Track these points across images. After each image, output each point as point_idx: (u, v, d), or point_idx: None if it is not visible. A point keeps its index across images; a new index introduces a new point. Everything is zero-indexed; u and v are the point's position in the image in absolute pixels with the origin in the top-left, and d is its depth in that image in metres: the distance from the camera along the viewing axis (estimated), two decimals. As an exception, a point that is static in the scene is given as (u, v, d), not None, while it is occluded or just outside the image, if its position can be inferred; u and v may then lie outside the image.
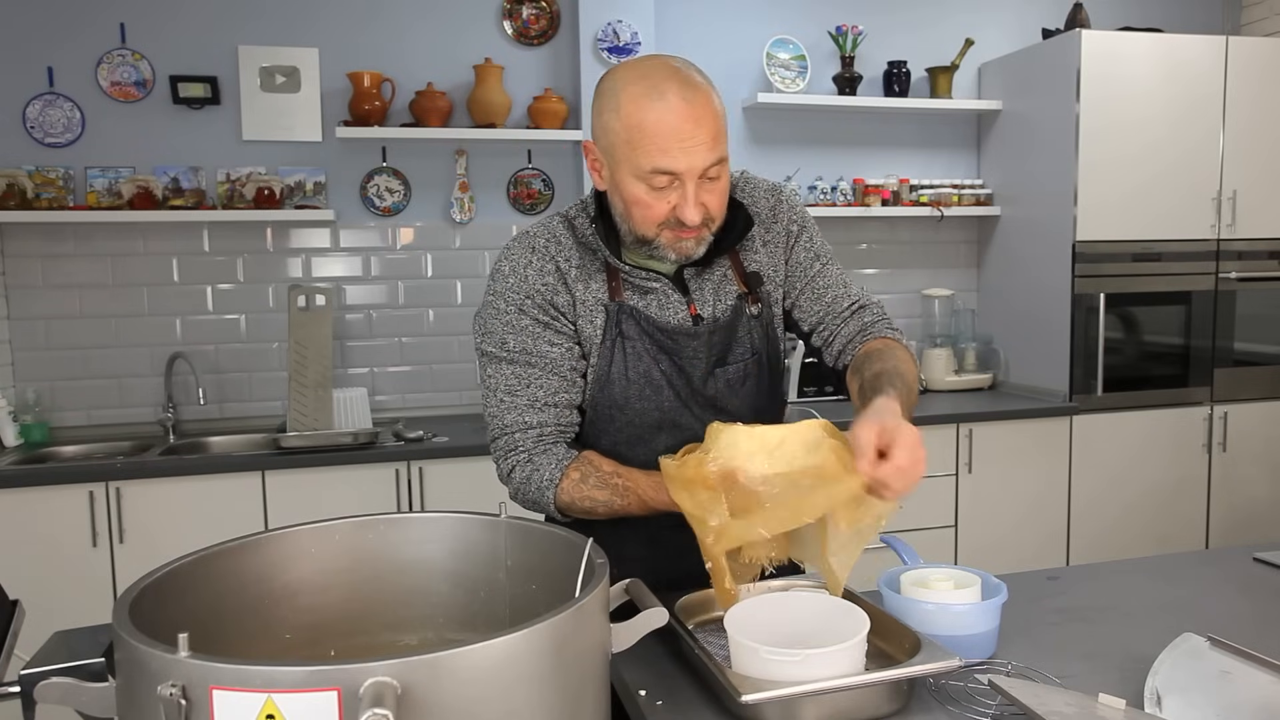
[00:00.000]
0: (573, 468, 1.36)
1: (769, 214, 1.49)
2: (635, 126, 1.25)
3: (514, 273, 1.39)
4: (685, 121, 1.24)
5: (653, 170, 1.26)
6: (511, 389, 1.39)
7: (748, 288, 1.45)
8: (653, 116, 1.24)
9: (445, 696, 0.74)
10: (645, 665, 1.22)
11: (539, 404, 1.38)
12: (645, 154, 1.25)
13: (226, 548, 1.04)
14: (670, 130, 1.24)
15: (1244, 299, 3.75)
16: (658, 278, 1.39)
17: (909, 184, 3.89)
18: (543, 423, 1.39)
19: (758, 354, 1.46)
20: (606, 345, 1.39)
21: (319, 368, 3.14)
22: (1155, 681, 1.12)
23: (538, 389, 1.38)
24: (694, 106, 1.25)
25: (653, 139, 1.24)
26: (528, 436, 1.38)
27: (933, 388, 3.89)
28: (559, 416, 1.40)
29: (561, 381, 1.39)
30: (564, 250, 1.40)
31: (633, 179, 1.28)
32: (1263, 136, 3.69)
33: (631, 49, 3.46)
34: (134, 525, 2.80)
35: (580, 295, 1.39)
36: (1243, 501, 3.79)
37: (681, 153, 1.25)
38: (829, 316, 1.50)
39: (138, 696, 0.77)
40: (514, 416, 1.38)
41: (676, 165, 1.25)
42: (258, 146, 3.39)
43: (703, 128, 1.25)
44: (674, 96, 1.24)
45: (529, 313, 1.38)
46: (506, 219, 3.62)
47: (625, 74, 1.29)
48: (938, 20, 3.99)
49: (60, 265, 3.27)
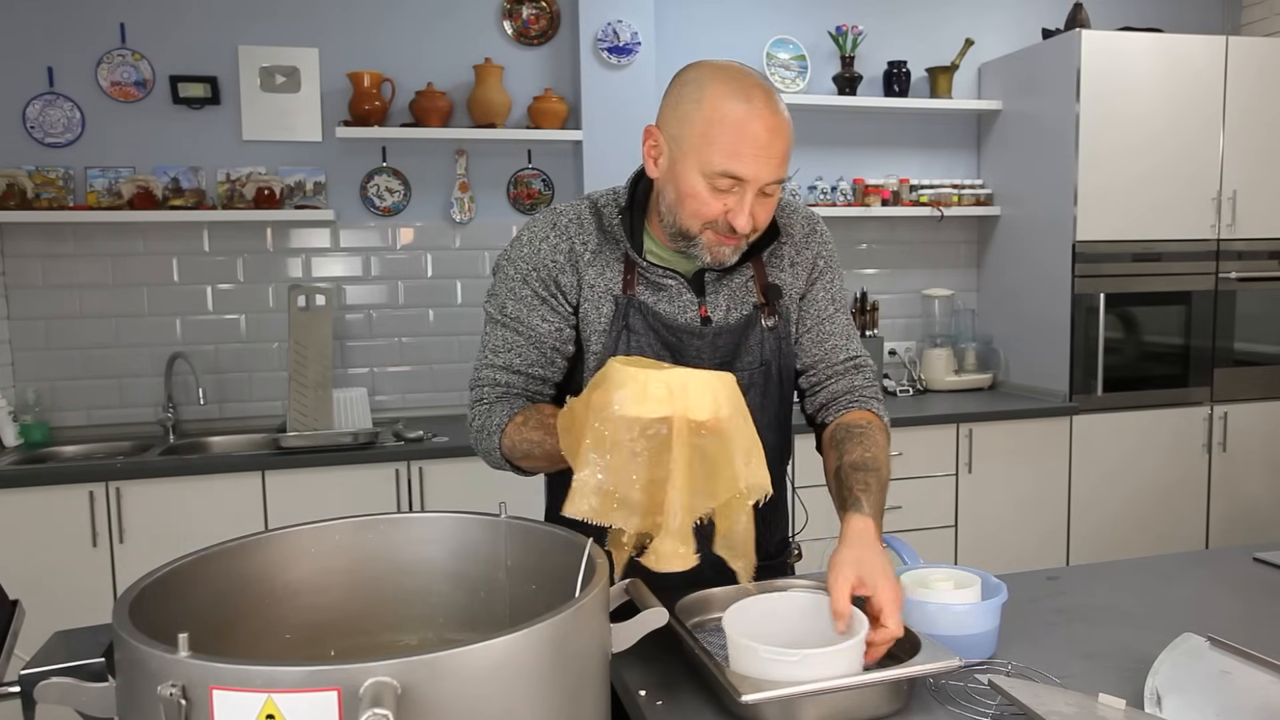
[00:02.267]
0: (520, 414, 1.39)
1: (802, 239, 1.51)
2: (717, 121, 1.26)
3: (529, 243, 1.43)
4: (765, 130, 1.26)
5: (721, 171, 1.27)
6: (495, 349, 1.44)
7: (766, 299, 1.46)
8: (738, 116, 1.26)
9: (445, 696, 0.74)
10: (645, 665, 1.22)
11: (513, 368, 1.43)
12: (719, 152, 1.26)
13: (226, 548, 1.04)
14: (751, 134, 1.25)
15: (1244, 299, 3.75)
16: (674, 275, 1.40)
17: (909, 184, 3.89)
18: (510, 383, 1.44)
19: (767, 365, 1.46)
20: (611, 336, 1.40)
21: (319, 368, 3.14)
22: (1155, 681, 1.12)
23: (515, 355, 1.43)
24: (777, 119, 1.27)
25: (732, 139, 1.25)
26: (495, 390, 1.44)
27: (933, 388, 3.89)
28: (527, 384, 1.44)
29: (540, 355, 1.43)
30: (584, 233, 1.42)
31: (696, 173, 1.29)
32: (1263, 136, 3.69)
33: (631, 49, 3.46)
34: (134, 525, 2.80)
35: (590, 280, 1.41)
36: (1242, 501, 3.79)
37: (754, 159, 1.26)
38: (823, 364, 1.50)
39: (138, 696, 0.77)
40: (489, 372, 1.44)
41: (745, 171, 1.26)
42: (258, 146, 3.39)
43: (778, 141, 1.27)
44: (761, 104, 1.26)
45: (531, 284, 1.41)
46: (506, 219, 3.62)
47: (714, 70, 1.30)
48: (938, 20, 3.99)
49: (60, 265, 3.27)
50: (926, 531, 3.45)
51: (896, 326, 4.05)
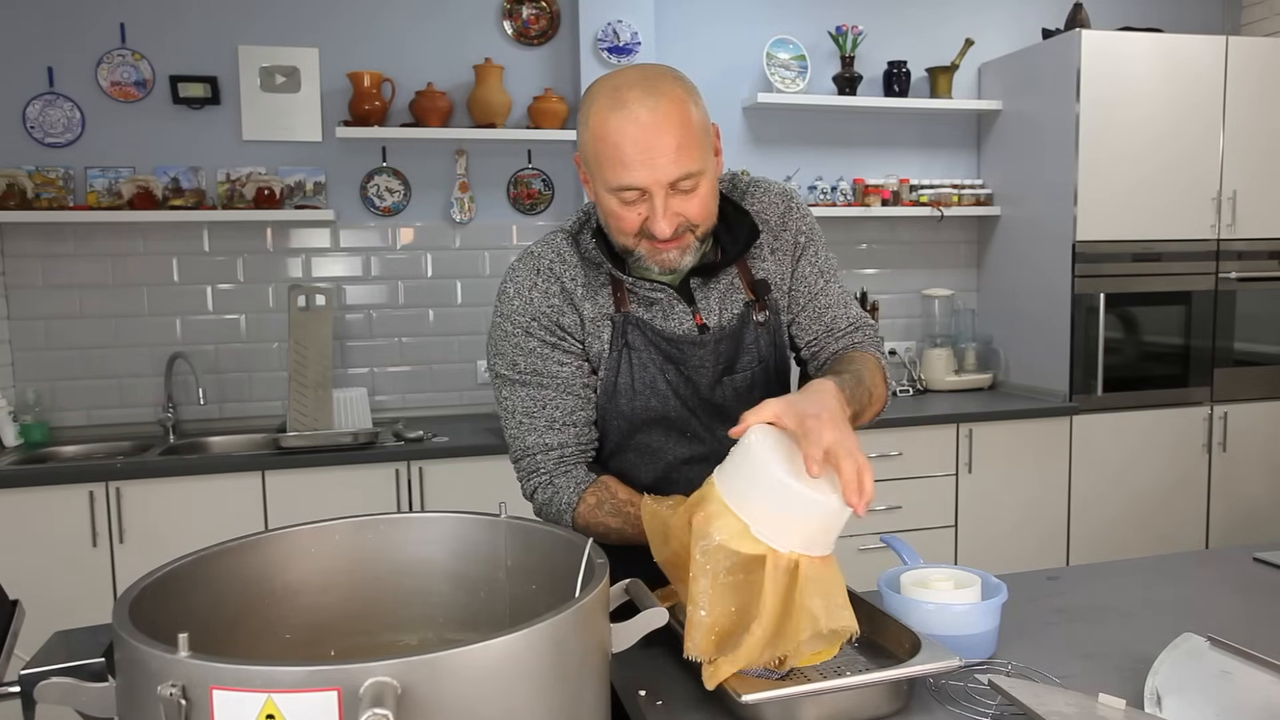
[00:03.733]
0: (589, 492, 1.36)
1: (778, 221, 1.46)
2: (599, 138, 1.23)
3: (519, 295, 1.38)
4: (645, 131, 1.20)
5: (618, 186, 1.24)
6: (528, 411, 1.39)
7: (755, 295, 1.44)
8: (613, 127, 1.22)
9: (445, 696, 0.74)
10: (645, 665, 1.22)
11: (557, 424, 1.38)
12: (610, 168, 1.23)
13: (226, 548, 1.04)
14: (630, 141, 1.21)
15: (1244, 299, 3.75)
16: (662, 288, 1.37)
17: (909, 184, 3.89)
18: (563, 443, 1.39)
19: (764, 362, 1.45)
20: (613, 356, 1.39)
21: (319, 368, 3.14)
22: (1155, 681, 1.12)
23: (554, 409, 1.38)
24: (656, 114, 1.21)
25: (614, 151, 1.22)
26: (549, 458, 1.39)
27: (933, 388, 3.89)
28: (578, 436, 1.40)
29: (576, 400, 1.39)
30: (569, 269, 1.39)
31: (605, 192, 1.27)
32: (1263, 136, 3.69)
33: (631, 49, 3.46)
34: (134, 525, 2.80)
35: (587, 313, 1.38)
36: (1243, 501, 3.79)
37: (642, 166, 1.21)
38: (825, 335, 1.49)
39: (138, 696, 0.77)
40: (534, 438, 1.39)
41: (637, 179, 1.22)
42: (258, 146, 3.39)
43: (665, 137, 1.21)
44: (636, 105, 1.21)
45: (536, 334, 1.37)
46: (506, 219, 3.63)
47: (599, 85, 1.28)
48: (938, 20, 3.99)
49: (60, 265, 3.27)
50: (926, 531, 3.44)
51: (896, 326, 4.05)
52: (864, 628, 1.25)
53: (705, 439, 1.43)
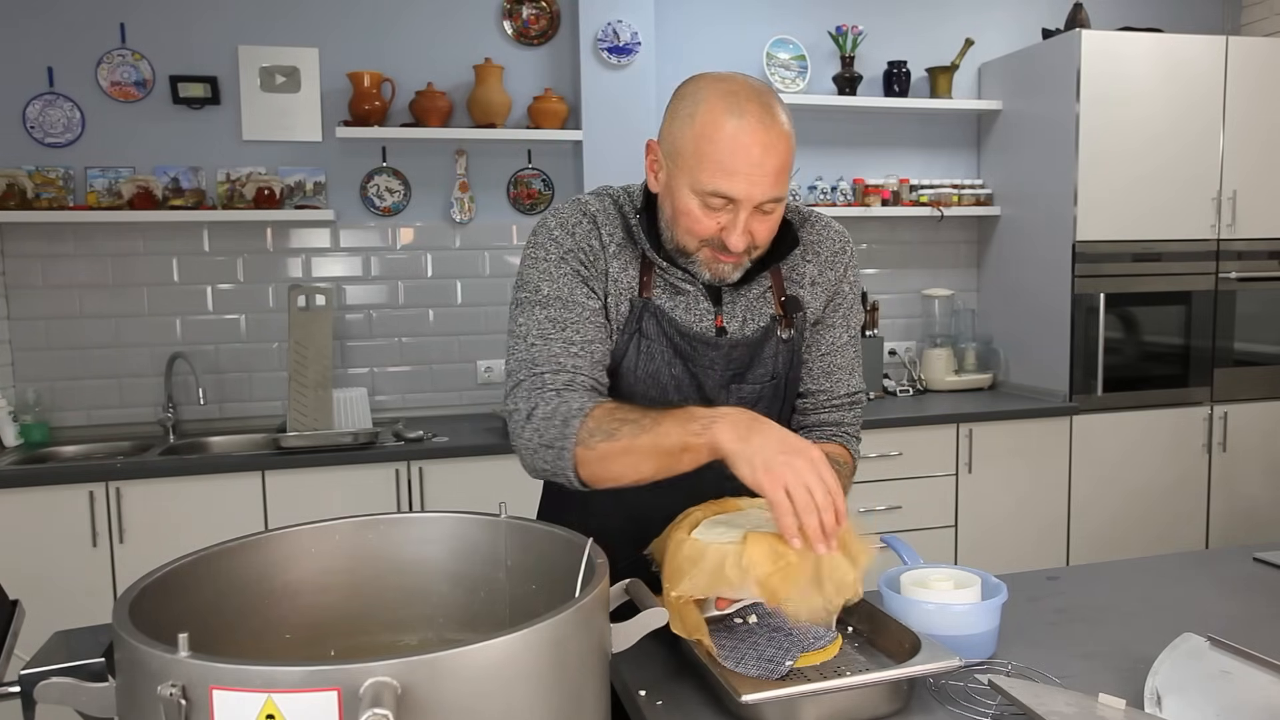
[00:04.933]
0: (605, 404, 1.27)
1: (830, 257, 1.47)
2: (707, 139, 1.23)
3: (561, 227, 1.37)
4: (756, 145, 1.21)
5: (712, 191, 1.24)
6: (545, 333, 1.30)
7: (784, 310, 1.43)
8: (728, 132, 1.21)
9: (445, 696, 0.74)
10: (645, 665, 1.22)
11: (574, 346, 1.30)
12: (709, 170, 1.23)
13: (226, 548, 1.04)
14: (742, 151, 1.21)
15: (1244, 299, 3.75)
16: (693, 281, 1.37)
17: (909, 184, 3.89)
18: (576, 368, 1.29)
19: (777, 378, 1.44)
20: (624, 338, 1.38)
21: (319, 368, 3.14)
22: (1155, 681, 1.12)
23: (573, 331, 1.30)
24: (769, 132, 1.22)
25: (721, 156, 1.22)
26: (559, 378, 1.28)
27: (933, 388, 3.89)
28: (593, 368, 1.31)
29: (597, 331, 1.33)
30: (611, 225, 1.38)
31: (689, 191, 1.26)
32: (1263, 136, 3.69)
33: (631, 49, 3.46)
34: (134, 525, 2.80)
35: (614, 274, 1.37)
36: (1243, 501, 3.79)
37: (745, 179, 1.22)
38: (823, 395, 1.50)
39: (138, 696, 0.77)
40: (546, 356, 1.29)
41: (736, 190, 1.23)
42: (258, 146, 3.39)
43: (772, 157, 1.22)
44: (754, 120, 1.22)
45: (569, 263, 1.34)
46: (506, 219, 3.62)
47: (711, 84, 1.26)
48: (938, 20, 3.99)
49: (60, 265, 3.27)
50: (926, 531, 3.44)
51: (896, 326, 4.05)
52: (864, 628, 1.25)
53: None
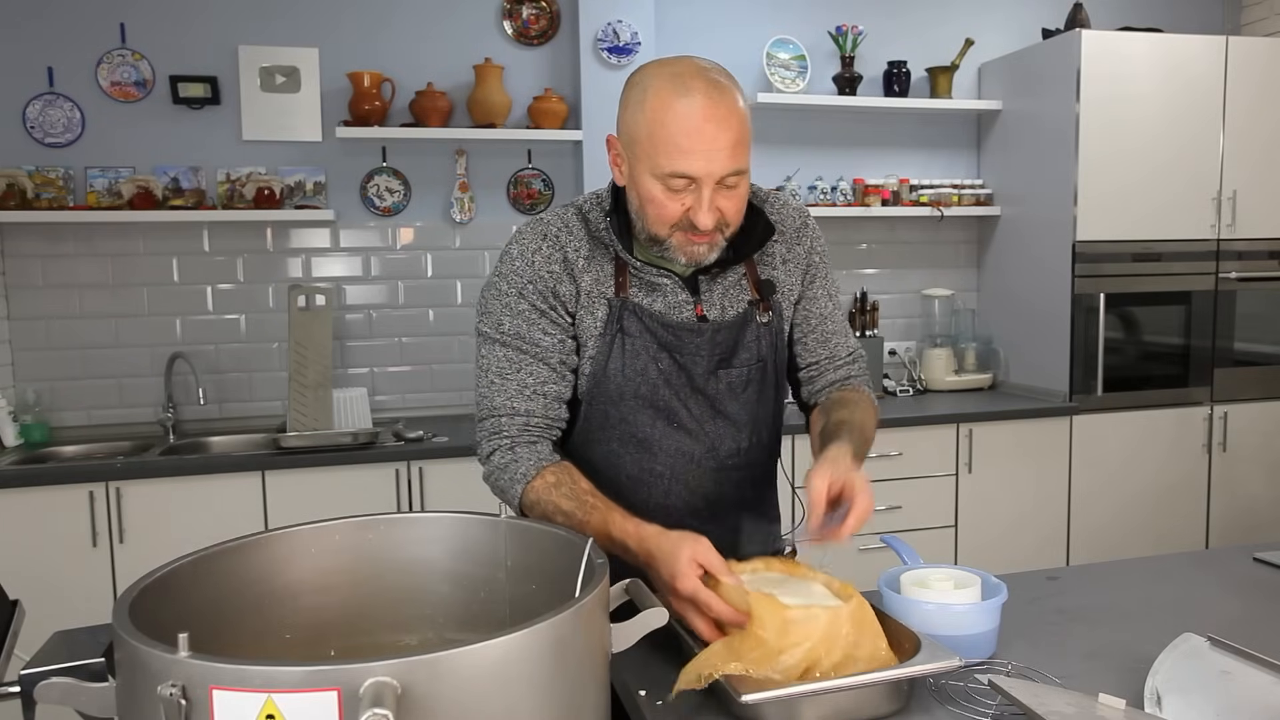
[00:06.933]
0: (550, 471, 1.33)
1: (794, 234, 1.50)
2: (658, 122, 1.24)
3: (521, 256, 1.39)
4: (708, 122, 1.23)
5: (671, 172, 1.25)
6: (502, 371, 1.38)
7: (760, 295, 1.45)
8: (678, 113, 1.23)
9: (445, 696, 0.74)
10: (645, 665, 1.22)
11: (527, 390, 1.38)
12: (665, 154, 1.25)
13: (226, 548, 1.04)
14: (694, 129, 1.23)
15: (1244, 299, 3.75)
16: (668, 274, 1.39)
17: (909, 184, 3.89)
18: (529, 411, 1.38)
19: (763, 361, 1.46)
20: (606, 339, 1.39)
21: (319, 368, 3.14)
22: (1155, 681, 1.12)
23: (527, 375, 1.38)
24: (719, 107, 1.24)
25: (674, 137, 1.23)
26: (514, 423, 1.37)
27: (933, 388, 3.89)
28: (546, 409, 1.39)
29: (550, 372, 1.39)
30: (574, 239, 1.40)
31: (650, 177, 1.28)
32: (1263, 136, 3.69)
33: (631, 49, 3.46)
34: (134, 525, 2.80)
35: (585, 286, 1.39)
36: (1243, 501, 3.79)
37: (701, 156, 1.24)
38: (827, 361, 1.54)
39: (138, 696, 0.77)
40: (503, 400, 1.38)
41: (694, 169, 1.24)
42: (258, 146, 3.39)
43: (725, 131, 1.24)
44: (701, 96, 1.23)
45: (528, 298, 1.38)
46: (506, 219, 3.62)
47: (656, 70, 1.29)
48: (938, 20, 3.99)
49: (60, 265, 3.27)
50: (926, 531, 3.44)
51: (896, 326, 4.05)
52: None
53: (693, 429, 1.44)
